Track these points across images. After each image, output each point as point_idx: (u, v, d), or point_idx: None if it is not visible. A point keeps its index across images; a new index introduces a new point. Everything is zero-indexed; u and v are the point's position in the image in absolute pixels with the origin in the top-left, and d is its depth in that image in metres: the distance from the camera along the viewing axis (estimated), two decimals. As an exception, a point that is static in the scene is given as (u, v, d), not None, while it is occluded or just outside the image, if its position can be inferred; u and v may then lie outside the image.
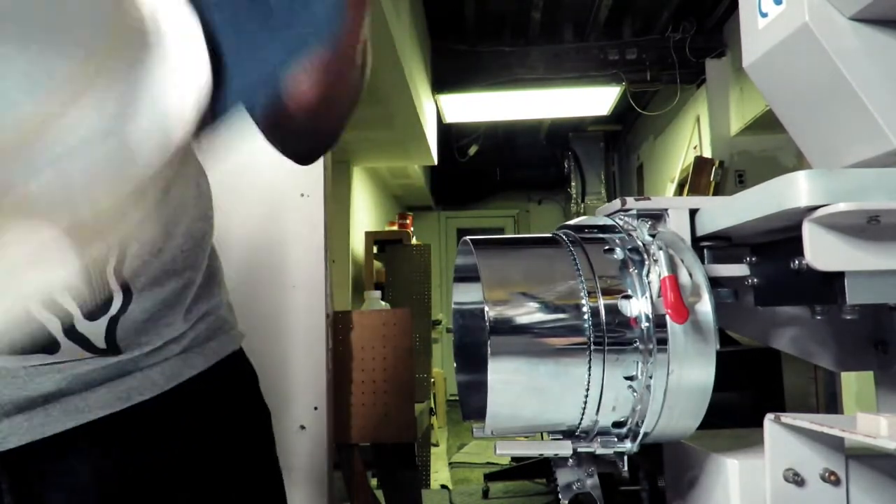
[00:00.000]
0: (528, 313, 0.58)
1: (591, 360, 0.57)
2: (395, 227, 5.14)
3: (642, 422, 0.58)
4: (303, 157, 0.63)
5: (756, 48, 0.70)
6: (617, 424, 0.60)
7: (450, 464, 4.35)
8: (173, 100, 0.40)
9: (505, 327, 0.57)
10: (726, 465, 0.61)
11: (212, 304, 0.64)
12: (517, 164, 6.93)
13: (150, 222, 0.50)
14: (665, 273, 0.56)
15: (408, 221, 5.20)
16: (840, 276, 0.54)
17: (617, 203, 0.67)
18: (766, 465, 0.58)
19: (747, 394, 2.46)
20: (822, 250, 0.52)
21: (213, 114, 0.46)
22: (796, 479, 0.57)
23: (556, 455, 0.62)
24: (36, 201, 0.36)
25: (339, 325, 2.15)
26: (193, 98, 0.41)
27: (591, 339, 0.57)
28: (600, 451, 0.61)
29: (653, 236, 0.60)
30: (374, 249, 4.65)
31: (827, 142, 0.68)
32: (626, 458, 0.62)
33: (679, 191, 4.44)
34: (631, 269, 0.59)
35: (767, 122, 3.61)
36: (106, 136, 0.37)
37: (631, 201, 0.66)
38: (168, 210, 0.56)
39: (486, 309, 0.56)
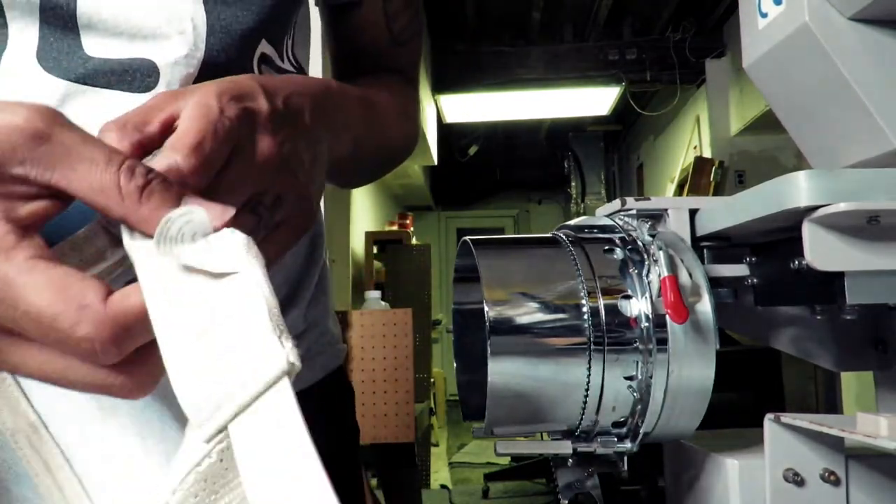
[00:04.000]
0: (528, 313, 0.58)
1: (590, 360, 0.57)
2: (395, 227, 5.14)
3: (642, 422, 0.58)
4: None
5: (756, 48, 0.70)
6: (617, 424, 0.60)
7: (450, 464, 4.34)
8: None
9: (505, 327, 0.57)
10: (726, 465, 0.61)
11: (320, 310, 0.61)
12: (517, 164, 6.93)
13: None
14: (665, 273, 0.56)
15: (408, 221, 5.20)
16: (840, 276, 0.54)
17: (617, 203, 0.67)
18: (766, 465, 0.58)
19: (747, 394, 2.46)
20: (822, 250, 0.52)
21: None
22: (796, 479, 0.57)
23: (556, 455, 0.62)
24: None
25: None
26: None
27: (591, 339, 0.57)
28: (600, 451, 0.61)
29: (653, 236, 0.60)
30: (374, 249, 4.64)
31: (827, 142, 0.68)
32: (626, 458, 0.62)
33: (679, 191, 4.44)
34: (631, 269, 0.59)
35: (767, 122, 3.61)
36: None
37: (631, 201, 0.66)
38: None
39: (486, 309, 0.56)
